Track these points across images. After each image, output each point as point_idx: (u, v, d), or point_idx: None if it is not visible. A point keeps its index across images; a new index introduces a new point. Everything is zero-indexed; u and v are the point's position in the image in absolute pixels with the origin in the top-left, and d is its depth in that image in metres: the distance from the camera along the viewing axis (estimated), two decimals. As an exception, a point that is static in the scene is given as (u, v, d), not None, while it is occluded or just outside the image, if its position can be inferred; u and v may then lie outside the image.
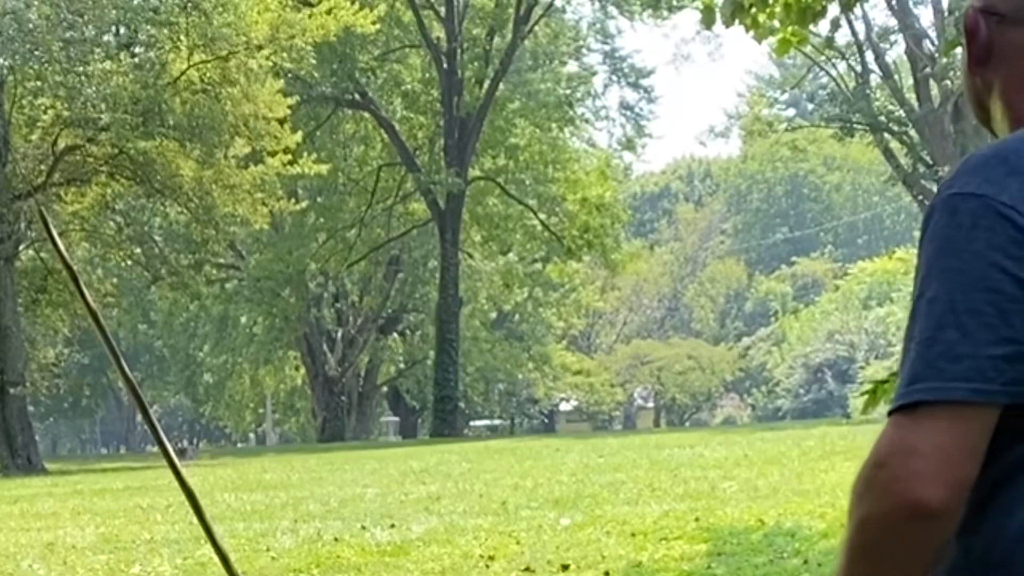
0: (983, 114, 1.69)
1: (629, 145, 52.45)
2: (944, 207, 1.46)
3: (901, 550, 1.41)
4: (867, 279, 65.91)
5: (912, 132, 36.23)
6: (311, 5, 31.60)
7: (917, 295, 1.46)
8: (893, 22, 36.85)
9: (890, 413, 1.43)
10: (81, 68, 27.54)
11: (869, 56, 36.65)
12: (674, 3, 41.31)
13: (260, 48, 28.51)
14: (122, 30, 30.26)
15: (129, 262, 33.60)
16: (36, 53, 27.74)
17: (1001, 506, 1.46)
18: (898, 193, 58.28)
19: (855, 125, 38.36)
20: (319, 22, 30.53)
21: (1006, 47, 1.60)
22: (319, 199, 42.81)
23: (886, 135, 37.07)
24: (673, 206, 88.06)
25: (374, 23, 33.65)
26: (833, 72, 38.53)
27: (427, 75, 42.67)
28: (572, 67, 48.49)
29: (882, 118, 36.60)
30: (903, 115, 36.07)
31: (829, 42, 33.91)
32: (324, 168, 32.59)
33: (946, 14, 34.14)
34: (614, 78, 50.89)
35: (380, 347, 50.87)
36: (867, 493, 1.42)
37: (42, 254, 30.36)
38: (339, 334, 48.74)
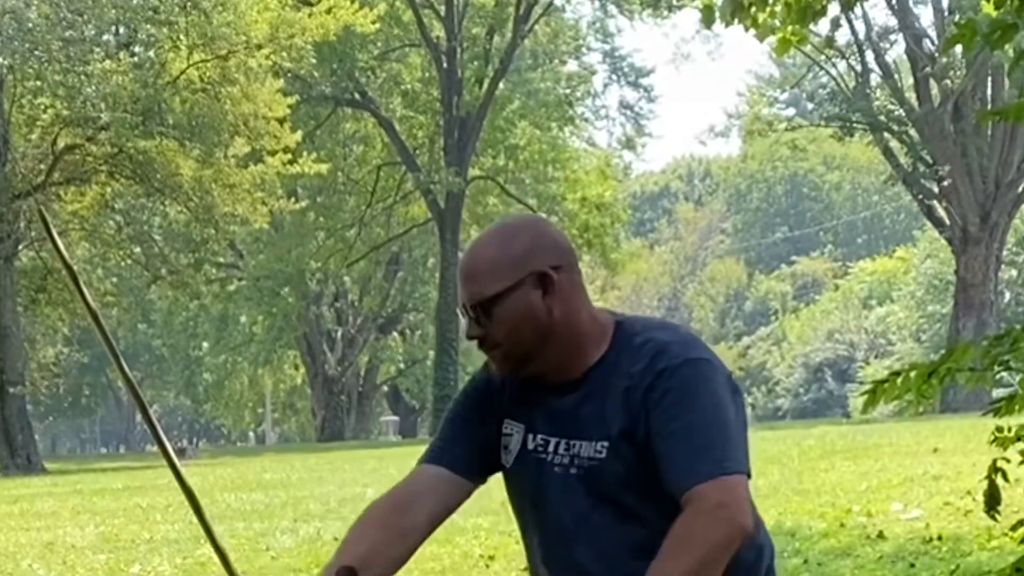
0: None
1: (629, 144, 52.42)
2: (695, 364, 2.43)
3: (727, 557, 2.29)
4: (867, 278, 66.13)
5: (912, 131, 36.15)
6: (311, 4, 31.58)
7: (705, 406, 2.39)
8: (893, 21, 36.79)
9: (723, 474, 2.30)
10: (81, 67, 27.54)
11: (869, 55, 36.57)
12: (674, 2, 41.20)
13: (260, 47, 28.49)
14: (122, 29, 30.27)
15: (129, 262, 33.57)
16: (36, 52, 27.73)
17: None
18: (898, 192, 58.24)
19: (855, 124, 38.28)
20: (319, 21, 30.51)
21: (561, 288, 2.60)
22: (319, 199, 42.79)
23: (886, 134, 36.97)
24: (673, 205, 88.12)
25: (374, 22, 33.63)
26: (833, 71, 38.41)
27: (427, 74, 42.64)
28: (572, 66, 48.47)
29: (882, 117, 36.51)
30: (903, 114, 35.98)
31: (829, 41, 33.88)
32: (324, 168, 32.56)
33: (946, 14, 34.12)
34: (614, 77, 50.87)
35: (380, 347, 50.86)
36: (716, 523, 2.27)
37: (42, 254, 30.31)
38: (339, 333, 48.74)
